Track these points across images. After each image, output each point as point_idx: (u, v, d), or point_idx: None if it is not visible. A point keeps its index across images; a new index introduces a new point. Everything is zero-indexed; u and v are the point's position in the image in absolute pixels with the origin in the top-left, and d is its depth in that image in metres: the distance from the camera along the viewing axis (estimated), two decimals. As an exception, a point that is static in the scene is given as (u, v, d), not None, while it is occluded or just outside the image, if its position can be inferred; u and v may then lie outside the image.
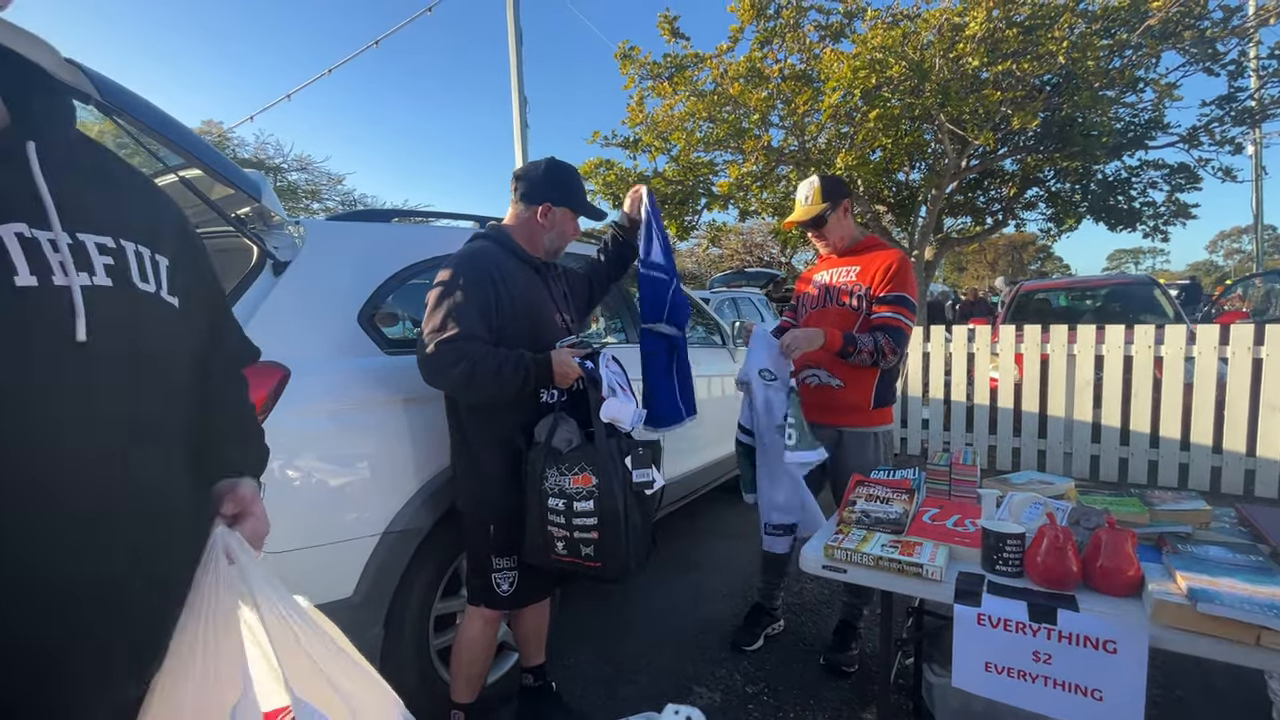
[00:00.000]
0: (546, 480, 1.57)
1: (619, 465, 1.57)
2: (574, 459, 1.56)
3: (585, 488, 1.53)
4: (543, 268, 1.81)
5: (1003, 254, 33.90)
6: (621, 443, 1.62)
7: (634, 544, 1.59)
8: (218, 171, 1.62)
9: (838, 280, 2.25)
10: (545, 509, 1.57)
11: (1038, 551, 1.28)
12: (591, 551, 1.55)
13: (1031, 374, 4.84)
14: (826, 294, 2.27)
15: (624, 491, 1.56)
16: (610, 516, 1.53)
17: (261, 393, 1.55)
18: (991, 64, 5.05)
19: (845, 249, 2.27)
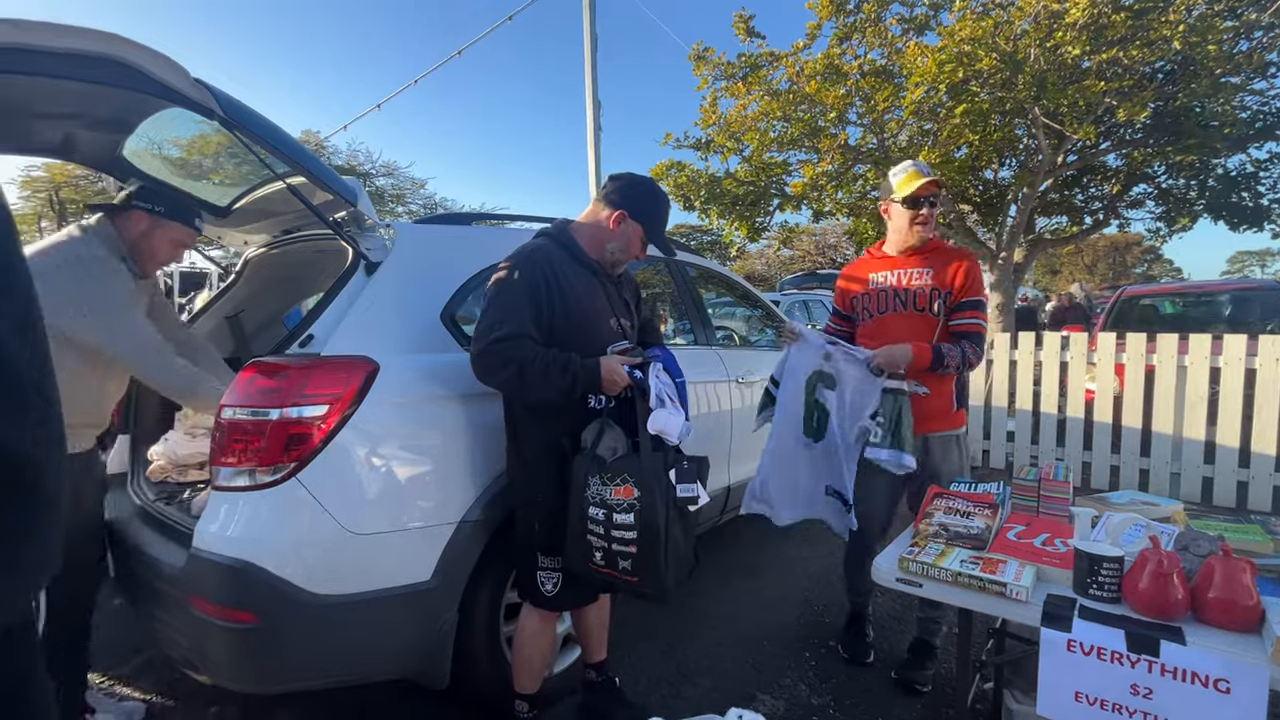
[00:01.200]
0: (589, 488, 1.54)
1: (663, 479, 1.52)
2: (617, 469, 1.53)
3: (627, 500, 1.49)
4: (600, 271, 1.79)
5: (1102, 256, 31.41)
6: (668, 456, 1.57)
7: (674, 561, 1.54)
8: (319, 179, 1.75)
9: (909, 282, 2.13)
10: (585, 517, 1.55)
11: (1139, 577, 1.19)
12: (629, 566, 1.52)
13: (1134, 386, 4.48)
14: (896, 297, 2.15)
15: (666, 506, 1.50)
16: (650, 532, 1.49)
17: (354, 384, 1.66)
18: (1094, 52, 4.68)
19: (916, 247, 2.16)
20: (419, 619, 1.74)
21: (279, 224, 2.49)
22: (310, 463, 1.58)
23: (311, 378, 1.64)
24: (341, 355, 1.69)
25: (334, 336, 1.72)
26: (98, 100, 1.77)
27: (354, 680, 1.78)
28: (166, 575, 1.68)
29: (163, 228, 1.92)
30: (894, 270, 2.17)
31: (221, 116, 1.55)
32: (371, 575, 1.67)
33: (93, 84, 1.52)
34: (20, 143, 2.12)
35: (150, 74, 1.45)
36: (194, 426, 2.54)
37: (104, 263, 1.77)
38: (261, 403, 1.59)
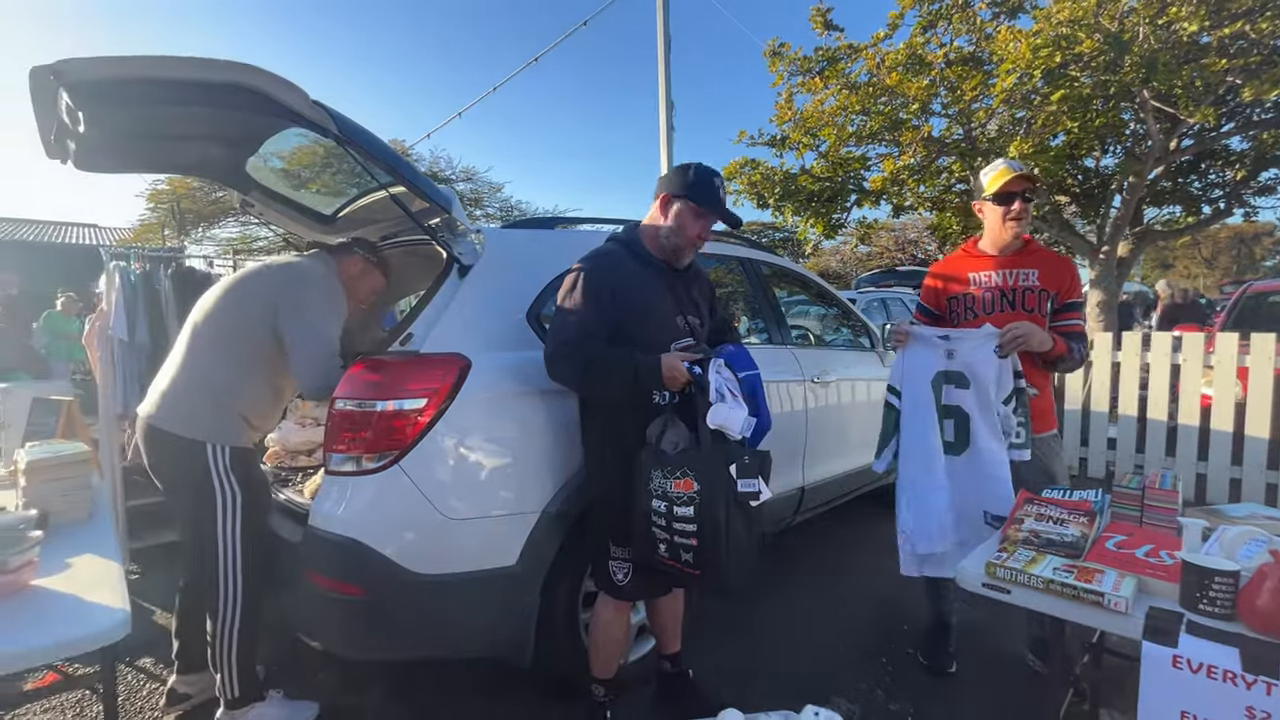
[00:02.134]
0: (652, 481, 1.59)
1: (723, 473, 1.53)
2: (678, 463, 1.56)
3: (687, 493, 1.52)
4: (667, 269, 1.82)
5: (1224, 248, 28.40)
6: (730, 450, 1.58)
7: (736, 557, 1.54)
8: (418, 187, 1.89)
9: (1017, 283, 2.10)
10: (649, 510, 1.59)
11: (1258, 593, 1.11)
12: (691, 559, 1.54)
13: (1260, 391, 4.07)
14: (1004, 297, 2.11)
15: (726, 501, 1.51)
16: (709, 525, 1.50)
17: (449, 380, 1.78)
18: (1215, 27, 4.27)
19: (1016, 247, 2.14)
20: (504, 600, 1.84)
21: (378, 230, 2.68)
22: (410, 451, 1.72)
23: (412, 373, 1.78)
24: (438, 352, 1.82)
25: (431, 335, 1.85)
26: (227, 122, 1.99)
27: (446, 654, 1.91)
28: (287, 549, 1.87)
29: (369, 274, 2.22)
30: (999, 270, 2.13)
31: (336, 135, 1.70)
32: (463, 557, 1.79)
33: (227, 109, 1.71)
34: (163, 162, 2.41)
35: (275, 97, 1.61)
36: (304, 417, 2.79)
37: (336, 286, 2.06)
38: (368, 395, 1.74)
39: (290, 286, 1.96)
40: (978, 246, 2.23)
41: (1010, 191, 2.06)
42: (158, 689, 2.18)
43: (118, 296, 3.23)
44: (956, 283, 2.22)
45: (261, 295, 1.94)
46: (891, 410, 2.19)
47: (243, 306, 1.94)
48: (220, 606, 1.83)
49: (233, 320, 1.94)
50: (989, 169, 2.14)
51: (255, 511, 1.90)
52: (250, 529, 1.87)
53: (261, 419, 2.02)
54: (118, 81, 1.58)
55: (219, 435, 1.85)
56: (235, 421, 1.90)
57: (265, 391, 1.98)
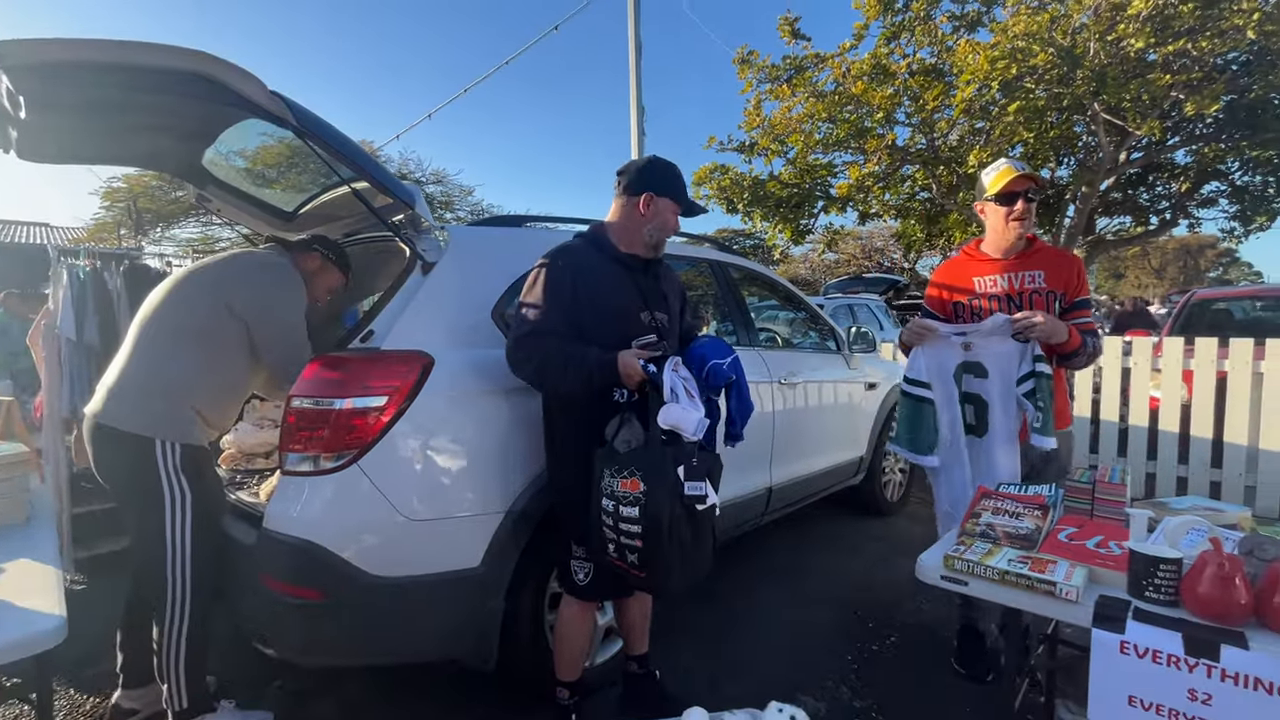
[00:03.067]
0: (603, 480, 1.57)
1: (670, 474, 1.50)
2: (626, 462, 1.54)
3: (633, 493, 1.49)
4: (635, 265, 1.80)
5: (1172, 259, 29.69)
6: (679, 451, 1.55)
7: (682, 560, 1.53)
8: (382, 183, 1.86)
9: (1023, 285, 2.06)
10: (601, 509, 1.57)
11: (1198, 580, 1.15)
12: (635, 560, 1.52)
13: (1204, 394, 4.24)
14: (1011, 302, 2.07)
15: (671, 502, 1.49)
16: (653, 525, 1.47)
17: (411, 377, 1.75)
18: (1160, 44, 4.48)
19: (1020, 248, 2.10)
20: (468, 603, 1.81)
21: (340, 228, 2.63)
22: (370, 450, 1.68)
23: (372, 370, 1.74)
24: (399, 349, 1.79)
25: (393, 332, 1.81)
26: (184, 113, 1.93)
27: (406, 659, 1.87)
28: (242, 552, 1.80)
29: (327, 272, 2.19)
30: (1004, 274, 2.09)
31: (295, 126, 1.66)
32: (425, 559, 1.76)
33: (182, 98, 1.66)
34: (112, 153, 2.32)
35: (231, 87, 1.57)
36: (262, 418, 2.70)
37: (294, 274, 2.01)
38: (326, 393, 1.70)
39: (251, 276, 1.91)
40: (980, 249, 2.18)
41: (1013, 191, 2.01)
42: (101, 704, 2.08)
43: (65, 294, 3.10)
44: (960, 289, 2.17)
45: (221, 286, 1.88)
46: (924, 403, 2.12)
47: (201, 297, 1.88)
48: (167, 612, 1.76)
49: (189, 311, 1.87)
50: (989, 169, 2.10)
51: (206, 514, 1.83)
52: (201, 532, 1.79)
53: (217, 415, 1.94)
54: (62, 66, 1.51)
55: (169, 431, 1.77)
56: (187, 416, 1.82)
57: (221, 386, 1.91)
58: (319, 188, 2.53)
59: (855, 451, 3.69)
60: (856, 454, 3.70)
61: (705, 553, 1.63)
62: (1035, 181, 2.04)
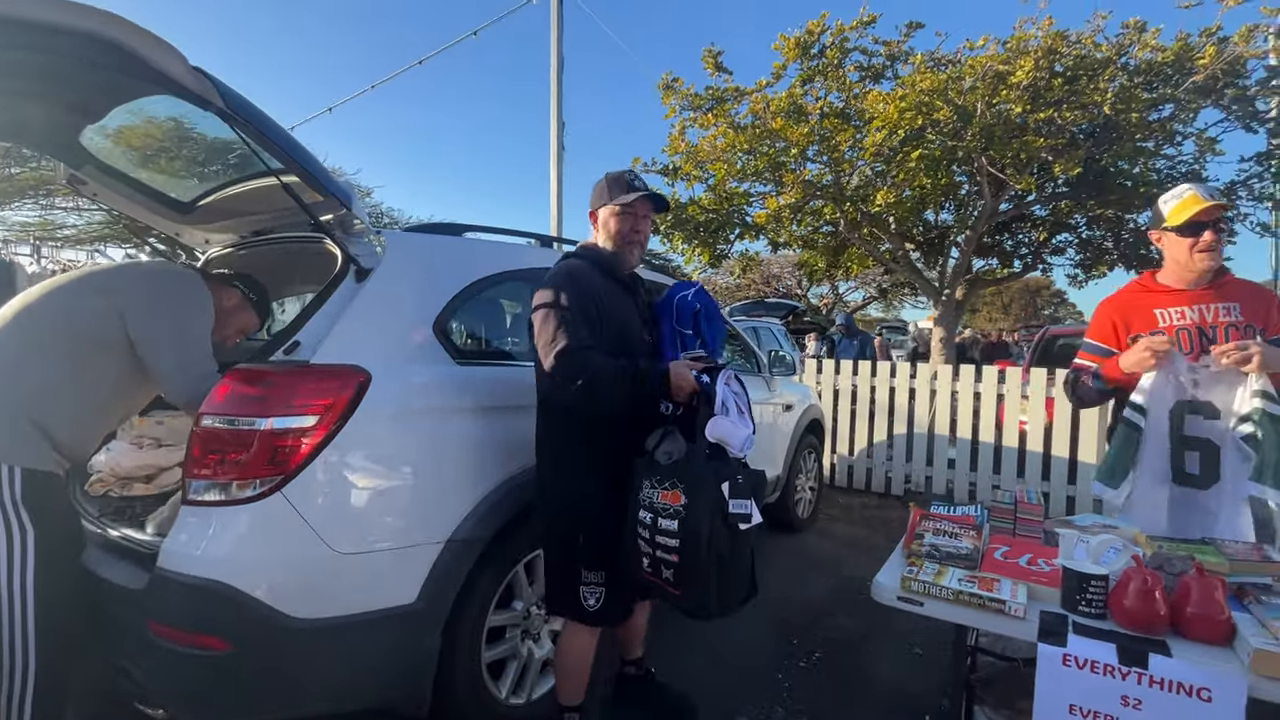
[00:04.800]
0: (641, 490, 1.54)
1: (713, 489, 1.47)
2: (668, 473, 1.51)
3: (673, 505, 1.46)
4: (630, 284, 1.85)
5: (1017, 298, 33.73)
6: (722, 466, 1.51)
7: (720, 580, 1.49)
8: (316, 179, 1.69)
9: (1216, 319, 1.87)
10: (636, 521, 1.54)
11: (1124, 594, 1.27)
12: (671, 576, 1.48)
13: (1062, 418, 4.80)
14: (1201, 335, 1.88)
15: (712, 518, 1.46)
16: (691, 540, 1.44)
17: (345, 395, 1.59)
18: (1034, 111, 5.12)
19: (1207, 280, 1.91)
20: (402, 643, 1.66)
21: (251, 224, 2.36)
22: (295, 476, 1.50)
23: (300, 387, 1.56)
24: (332, 364, 1.62)
25: (324, 345, 1.64)
26: (74, 82, 1.66)
27: (328, 709, 1.66)
28: (120, 598, 1.53)
29: (244, 313, 2.01)
30: (1192, 306, 1.90)
31: (221, 109, 1.47)
32: (354, 597, 1.59)
33: (77, 64, 1.42)
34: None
35: (145, 58, 1.36)
36: (140, 436, 2.35)
37: (205, 293, 1.80)
38: (245, 411, 1.50)
39: (152, 283, 1.69)
40: (1156, 279, 1.99)
41: (1199, 222, 1.82)
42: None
43: None
44: (1139, 319, 1.97)
45: (112, 291, 1.63)
46: (1134, 431, 1.85)
47: (84, 302, 1.61)
48: (6, 677, 1.45)
49: (67, 318, 1.59)
50: (1170, 196, 1.91)
51: (57, 554, 1.53)
52: (49, 576, 1.49)
53: (75, 440, 1.63)
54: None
55: (7, 453, 1.48)
56: (32, 437, 1.51)
57: (85, 405, 1.62)
58: (227, 177, 2.26)
59: (773, 470, 3.81)
60: (775, 473, 3.82)
61: (744, 572, 1.60)
62: (1225, 209, 1.85)
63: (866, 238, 6.80)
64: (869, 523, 4.62)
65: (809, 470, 4.40)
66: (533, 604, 2.05)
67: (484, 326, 2.35)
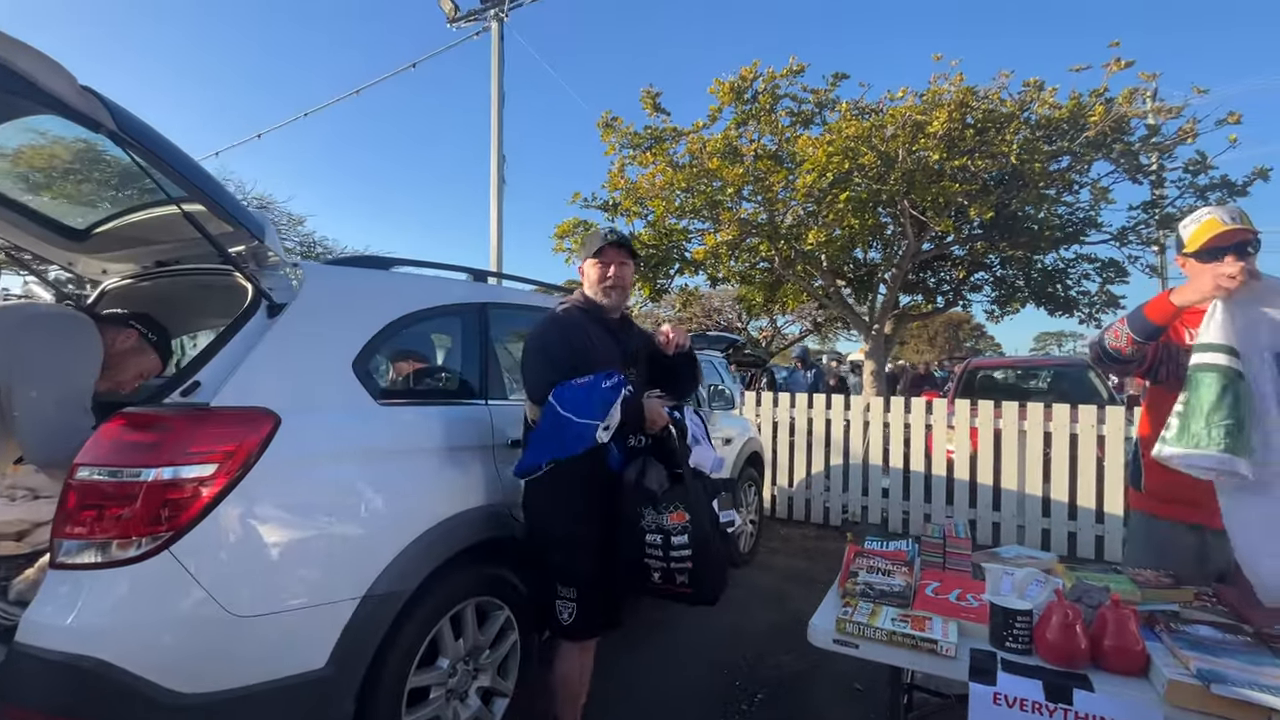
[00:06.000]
0: (644, 519, 1.76)
1: (707, 505, 1.78)
2: (669, 498, 1.75)
3: (680, 524, 1.73)
4: (617, 328, 2.03)
5: (940, 330, 35.70)
6: (706, 485, 1.81)
7: (718, 574, 1.82)
8: (223, 208, 1.58)
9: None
10: (643, 544, 1.76)
11: (1046, 628, 1.30)
12: (685, 579, 1.76)
13: (985, 448, 5.02)
14: None
15: (712, 528, 1.77)
16: (702, 548, 1.74)
17: (251, 440, 1.46)
18: (949, 159, 5.49)
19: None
20: (310, 715, 1.50)
21: (153, 254, 2.19)
22: (188, 532, 1.36)
23: (198, 432, 1.42)
24: (236, 406, 1.49)
25: (227, 385, 1.51)
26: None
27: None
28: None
29: (144, 354, 1.91)
30: None
31: (112, 130, 1.36)
32: (253, 666, 1.44)
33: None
34: None
35: (31, 78, 1.25)
36: (12, 487, 2.09)
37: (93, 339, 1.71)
38: (131, 461, 1.36)
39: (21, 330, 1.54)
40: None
41: (1219, 247, 1.65)
42: None
43: None
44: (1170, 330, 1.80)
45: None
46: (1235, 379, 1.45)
47: None
48: None
49: None
50: (1189, 220, 1.76)
51: None
52: None
53: None
54: None
55: None
56: None
57: None
58: (127, 204, 2.10)
59: (715, 506, 3.80)
60: (716, 508, 3.81)
61: (726, 566, 1.90)
62: (1246, 236, 1.66)
63: (800, 274, 7.05)
64: (809, 554, 4.65)
65: (749, 504, 4.40)
66: (460, 659, 1.92)
67: (411, 364, 2.25)
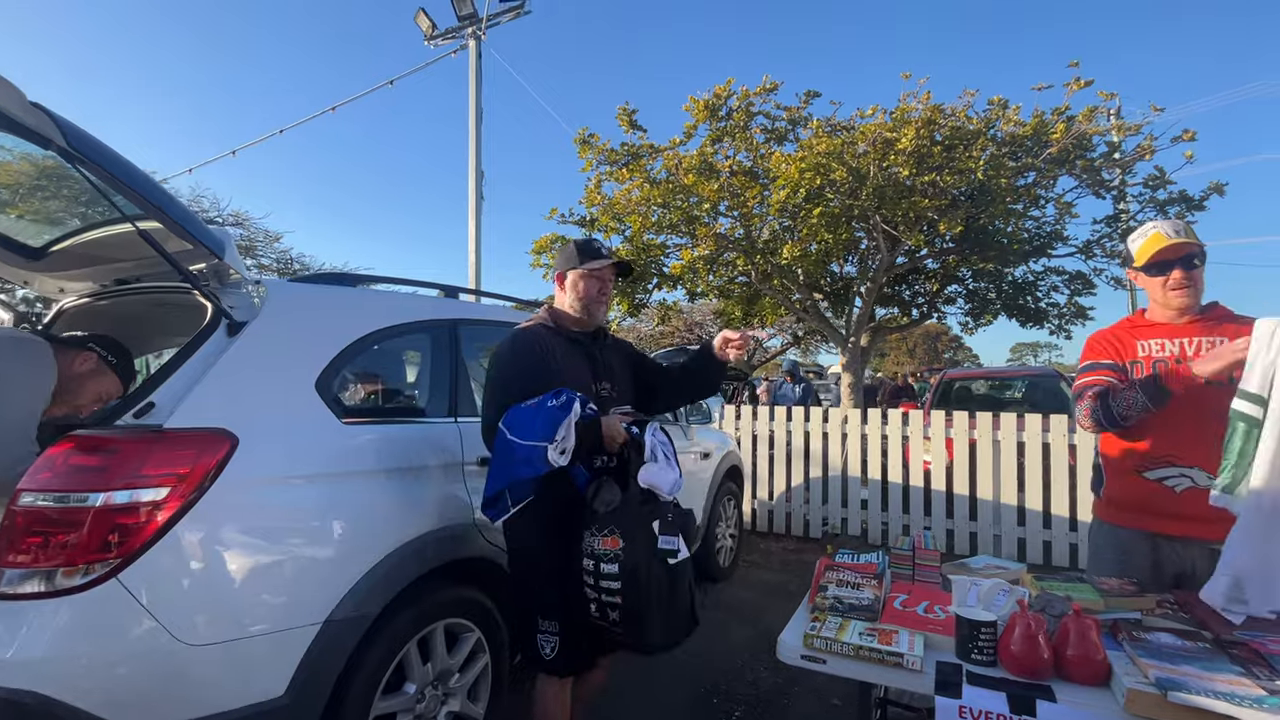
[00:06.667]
0: (584, 540, 1.62)
1: (647, 529, 1.58)
2: (605, 521, 1.60)
3: (612, 550, 1.56)
4: (586, 341, 1.93)
5: (920, 342, 36.26)
6: (655, 508, 1.64)
7: (661, 614, 1.59)
8: (181, 226, 1.55)
9: (1198, 352, 1.75)
10: (582, 569, 1.62)
11: (1010, 640, 1.30)
12: (617, 617, 1.56)
13: (961, 458, 5.07)
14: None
15: (649, 557, 1.56)
16: (630, 579, 1.54)
17: (207, 462, 1.43)
18: (919, 175, 5.61)
19: (1197, 311, 1.81)
20: (266, 747, 1.45)
21: (112, 272, 2.14)
22: (138, 559, 1.32)
23: (151, 455, 1.39)
24: (191, 428, 1.46)
25: (183, 406, 1.48)
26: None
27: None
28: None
29: (103, 377, 1.86)
30: (1173, 339, 1.80)
31: (63, 147, 1.34)
32: (207, 697, 1.39)
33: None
34: None
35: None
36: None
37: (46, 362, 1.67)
38: (78, 485, 1.31)
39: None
40: (1145, 316, 1.91)
41: (1165, 260, 1.73)
42: None
43: None
44: (1123, 351, 1.87)
45: None
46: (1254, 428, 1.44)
47: None
48: None
49: None
50: (1137, 234, 1.84)
51: None
52: None
53: None
54: None
55: None
56: None
57: None
58: (84, 222, 2.06)
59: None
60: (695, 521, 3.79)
61: (683, 609, 1.68)
62: (1190, 249, 1.73)
63: (778, 288, 7.12)
64: (789, 568, 4.64)
65: (729, 517, 4.39)
66: (428, 684, 1.87)
67: (378, 383, 2.22)
